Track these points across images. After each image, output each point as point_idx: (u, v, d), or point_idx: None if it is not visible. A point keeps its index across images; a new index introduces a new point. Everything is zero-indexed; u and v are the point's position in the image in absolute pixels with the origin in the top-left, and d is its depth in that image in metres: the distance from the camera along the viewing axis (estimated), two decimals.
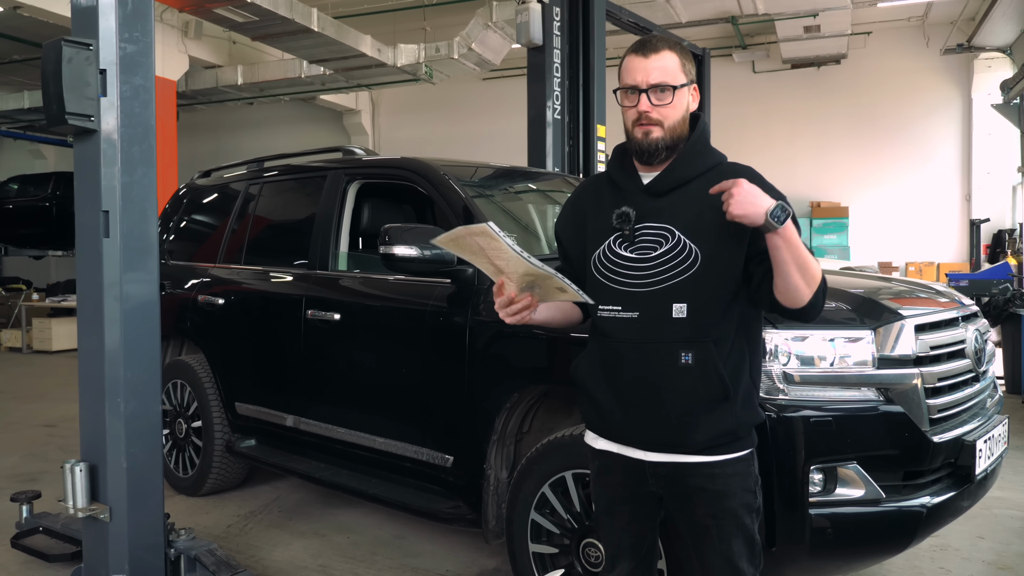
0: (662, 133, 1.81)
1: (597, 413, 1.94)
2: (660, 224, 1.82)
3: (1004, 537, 3.90)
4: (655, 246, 1.81)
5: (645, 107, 1.79)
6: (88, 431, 2.85)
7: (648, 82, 1.79)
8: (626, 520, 1.98)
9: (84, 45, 2.66)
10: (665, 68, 1.79)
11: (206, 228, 4.92)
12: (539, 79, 6.19)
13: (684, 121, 1.85)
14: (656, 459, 1.85)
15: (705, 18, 11.87)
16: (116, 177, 2.73)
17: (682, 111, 1.83)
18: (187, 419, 4.45)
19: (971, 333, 2.76)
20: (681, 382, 1.78)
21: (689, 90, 1.85)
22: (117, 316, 2.77)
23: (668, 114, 1.80)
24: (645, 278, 1.81)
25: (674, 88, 1.79)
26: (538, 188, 4.33)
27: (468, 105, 15.31)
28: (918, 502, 2.39)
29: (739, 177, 1.71)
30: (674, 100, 1.80)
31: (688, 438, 1.81)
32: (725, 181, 1.68)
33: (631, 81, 1.82)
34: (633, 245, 1.83)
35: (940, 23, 12.35)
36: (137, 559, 2.85)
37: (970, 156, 12.52)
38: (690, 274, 1.77)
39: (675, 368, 1.78)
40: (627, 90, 1.82)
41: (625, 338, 1.83)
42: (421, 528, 3.95)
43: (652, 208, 1.84)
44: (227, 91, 13.26)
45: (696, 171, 1.84)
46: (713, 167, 1.86)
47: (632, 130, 1.84)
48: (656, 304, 1.79)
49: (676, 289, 1.77)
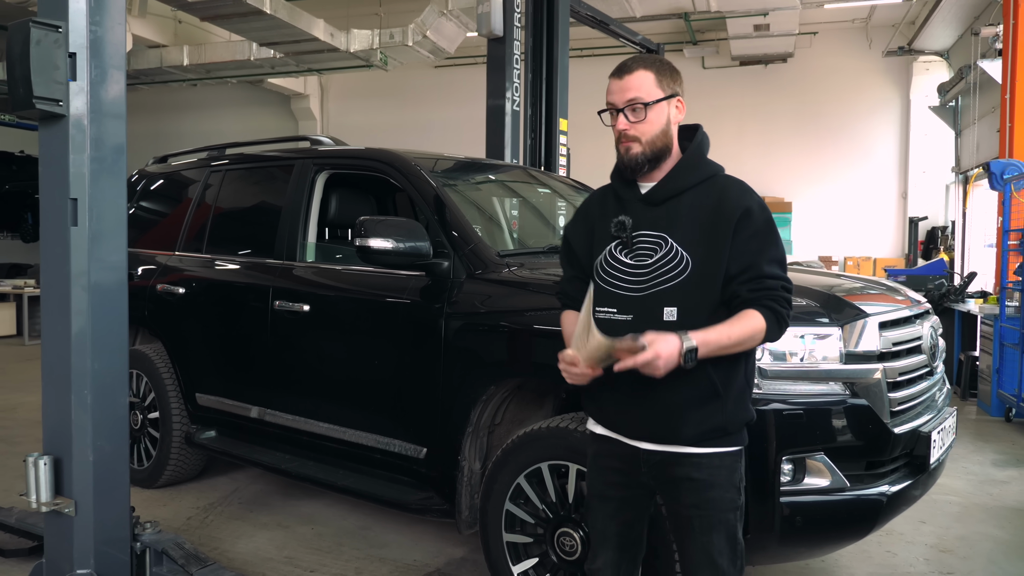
0: (641, 148, 1.91)
1: (595, 406, 2.04)
2: (655, 232, 1.91)
3: (944, 522, 4.12)
4: (651, 253, 1.90)
5: (623, 125, 1.91)
6: (52, 424, 2.78)
7: (623, 101, 1.90)
8: (615, 507, 2.05)
9: (53, 27, 2.57)
10: (639, 87, 1.90)
11: (161, 216, 4.80)
12: (499, 70, 6.20)
13: (665, 134, 1.94)
14: (648, 447, 1.94)
15: (659, 13, 12.04)
16: (85, 164, 2.66)
17: (659, 125, 1.92)
18: (143, 410, 4.36)
19: (926, 329, 2.90)
20: (672, 382, 1.83)
21: (671, 104, 1.94)
22: (84, 306, 2.70)
23: (644, 130, 1.91)
24: (639, 283, 1.90)
25: (646, 105, 1.89)
26: (504, 180, 4.35)
27: (420, 93, 15.20)
28: (878, 490, 2.51)
29: (724, 190, 1.89)
30: (648, 116, 1.90)
31: (678, 432, 1.89)
32: (634, 356, 1.75)
33: (609, 101, 1.94)
34: (632, 252, 1.93)
35: (883, 26, 12.76)
36: (102, 553, 2.79)
37: (907, 155, 13.00)
38: (680, 280, 1.86)
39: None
40: (609, 111, 1.95)
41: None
42: (386, 518, 3.96)
43: (648, 217, 1.93)
44: (172, 72, 12.87)
45: (690, 182, 1.93)
46: (708, 178, 1.95)
47: (617, 147, 1.95)
48: (648, 308, 1.88)
49: (667, 294, 1.87)
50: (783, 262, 1.92)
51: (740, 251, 1.85)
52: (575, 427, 2.64)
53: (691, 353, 1.76)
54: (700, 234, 1.87)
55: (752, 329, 1.82)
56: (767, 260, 1.87)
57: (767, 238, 1.89)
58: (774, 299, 1.85)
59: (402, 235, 3.01)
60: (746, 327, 1.82)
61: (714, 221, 1.87)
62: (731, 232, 1.85)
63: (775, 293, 1.86)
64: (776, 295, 1.86)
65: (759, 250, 1.87)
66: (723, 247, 1.85)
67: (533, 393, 3.14)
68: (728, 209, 1.87)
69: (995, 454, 5.48)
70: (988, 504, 4.41)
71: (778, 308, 1.85)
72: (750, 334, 1.83)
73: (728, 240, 1.85)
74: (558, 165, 6.22)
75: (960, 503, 4.40)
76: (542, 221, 4.39)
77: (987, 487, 4.72)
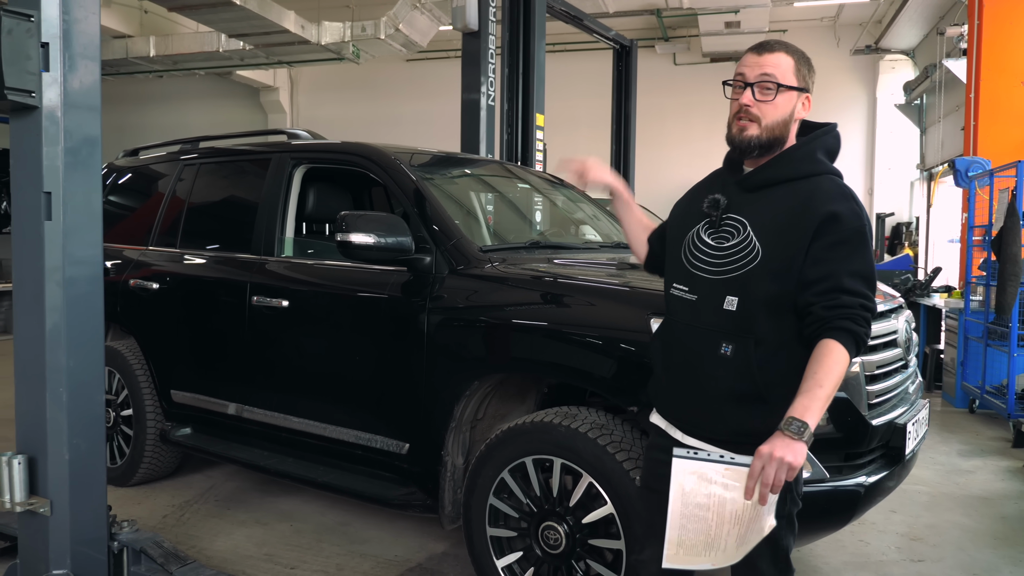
0: (758, 131, 1.81)
1: (655, 387, 2.01)
2: (738, 216, 1.84)
3: (913, 511, 4.21)
4: (729, 236, 1.83)
5: (747, 100, 1.81)
6: (26, 422, 2.72)
7: (755, 75, 1.81)
8: (661, 500, 1.89)
9: (25, 16, 2.51)
10: (776, 66, 1.81)
11: (130, 210, 4.71)
12: (474, 65, 6.19)
13: (786, 125, 1.84)
14: (690, 443, 1.88)
15: (631, 9, 12.09)
16: (59, 157, 2.60)
17: (784, 113, 1.83)
18: (115, 407, 4.29)
19: (902, 324, 2.96)
20: (716, 371, 1.80)
21: (800, 97, 1.85)
22: (59, 302, 2.64)
23: (768, 112, 1.81)
24: (713, 265, 1.84)
25: (779, 86, 1.80)
26: (482, 175, 4.35)
27: (391, 86, 15.10)
28: (855, 481, 2.55)
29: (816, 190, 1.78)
30: (777, 99, 1.81)
31: (713, 425, 1.85)
32: (757, 473, 1.67)
33: (739, 72, 1.84)
34: (716, 233, 1.86)
35: (850, 24, 12.96)
36: (79, 553, 2.75)
37: (873, 152, 13.24)
38: (748, 269, 1.78)
39: (714, 356, 1.81)
40: (736, 83, 1.84)
41: (681, 319, 1.90)
42: (366, 514, 3.94)
43: (739, 200, 1.86)
44: (137, 63, 12.65)
45: (788, 174, 1.83)
46: (811, 175, 1.83)
47: (731, 123, 1.86)
48: (713, 292, 1.82)
49: (733, 281, 1.80)
50: (869, 279, 1.77)
51: (820, 257, 1.73)
52: (559, 422, 2.66)
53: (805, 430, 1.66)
54: (779, 227, 1.77)
55: (839, 370, 1.69)
56: (849, 273, 1.73)
57: (855, 249, 1.75)
58: (851, 318, 1.72)
59: (384, 230, 2.99)
60: (832, 372, 1.69)
61: (798, 217, 1.76)
62: (811, 234, 1.74)
63: (852, 312, 1.72)
64: (854, 314, 1.72)
65: (842, 260, 1.73)
66: (798, 247, 1.74)
67: (516, 388, 3.14)
68: (815, 209, 1.75)
69: (960, 444, 5.62)
70: (955, 493, 4.52)
71: (855, 328, 1.72)
72: (839, 375, 1.70)
73: (806, 241, 1.73)
74: (535, 160, 6.23)
75: (929, 492, 4.51)
76: (520, 216, 4.40)
77: (954, 477, 4.83)
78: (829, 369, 1.69)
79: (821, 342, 1.72)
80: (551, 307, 2.81)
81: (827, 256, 1.74)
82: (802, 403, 1.68)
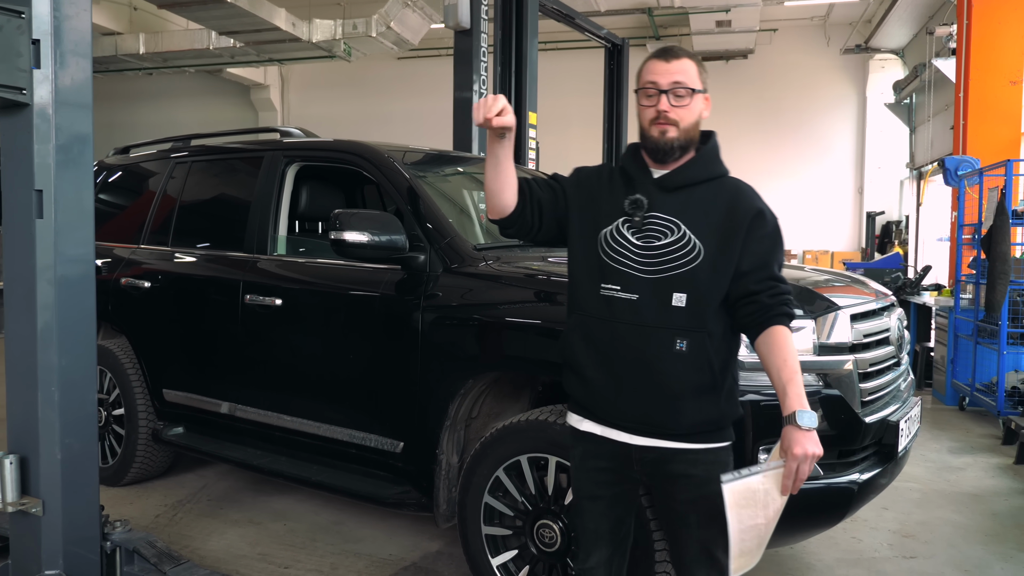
0: (677, 133, 1.91)
1: (587, 391, 1.98)
2: (667, 216, 1.91)
3: (905, 508, 4.23)
4: (660, 236, 1.90)
5: (664, 106, 1.90)
6: (17, 422, 2.70)
7: (668, 82, 1.89)
8: (606, 505, 2.02)
9: (15, 12, 2.49)
10: (685, 72, 1.91)
11: (122, 209, 4.69)
12: (466, 63, 6.16)
13: (696, 126, 1.96)
14: (642, 443, 1.92)
15: (623, 8, 12.10)
16: (50, 155, 2.58)
17: (696, 115, 1.94)
18: (107, 406, 4.26)
19: (894, 321, 2.97)
20: (674, 367, 1.86)
21: (704, 98, 1.96)
22: (51, 301, 2.62)
23: (684, 116, 1.91)
24: (649, 264, 1.89)
25: (692, 91, 1.90)
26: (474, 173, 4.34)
27: (382, 84, 15.08)
28: (849, 479, 2.57)
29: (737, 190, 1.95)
30: (691, 103, 1.91)
31: (674, 421, 1.89)
32: (794, 472, 1.80)
33: (650, 80, 1.92)
34: (640, 232, 1.92)
35: (840, 24, 13.02)
36: (71, 554, 2.73)
37: (863, 151, 13.31)
38: (692, 267, 1.87)
39: (670, 353, 1.86)
40: (647, 90, 1.92)
41: (623, 319, 1.91)
42: (360, 513, 3.93)
43: (661, 201, 1.93)
44: (127, 60, 12.58)
45: (705, 176, 1.96)
46: (721, 176, 1.99)
47: (649, 128, 1.93)
48: (657, 291, 1.88)
49: (678, 280, 1.87)
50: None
51: (753, 250, 1.90)
52: (554, 420, 2.66)
53: (813, 417, 1.81)
54: (713, 226, 1.90)
55: (794, 349, 1.89)
56: (777, 264, 1.93)
57: (776, 243, 1.95)
58: (788, 304, 1.92)
59: (378, 228, 2.99)
60: (795, 356, 1.87)
61: (728, 217, 1.90)
62: (744, 230, 1.89)
63: (788, 298, 1.92)
64: (788, 299, 1.92)
65: (770, 252, 1.92)
66: (735, 243, 1.89)
67: (510, 386, 3.15)
68: (743, 208, 1.92)
69: (951, 442, 5.65)
70: (946, 490, 4.55)
71: (793, 313, 1.93)
72: (797, 354, 1.89)
73: (740, 237, 1.89)
74: (528, 158, 6.23)
75: (920, 490, 4.53)
76: None
77: (944, 474, 4.87)
78: (794, 354, 1.86)
79: (772, 329, 1.88)
80: (545, 305, 2.81)
81: (759, 249, 1.91)
82: (795, 393, 1.82)
